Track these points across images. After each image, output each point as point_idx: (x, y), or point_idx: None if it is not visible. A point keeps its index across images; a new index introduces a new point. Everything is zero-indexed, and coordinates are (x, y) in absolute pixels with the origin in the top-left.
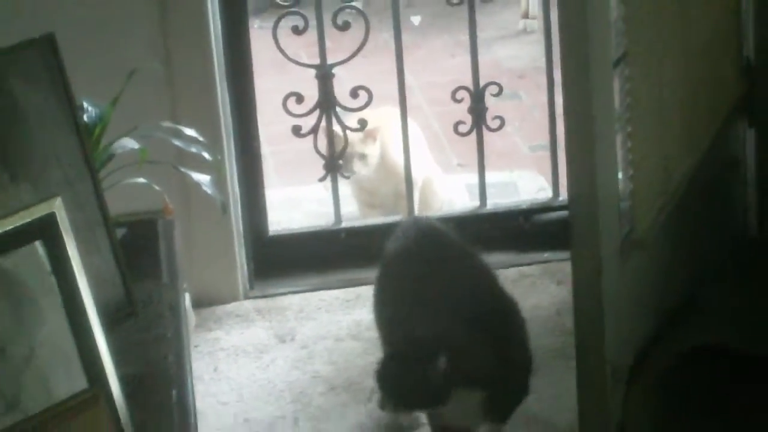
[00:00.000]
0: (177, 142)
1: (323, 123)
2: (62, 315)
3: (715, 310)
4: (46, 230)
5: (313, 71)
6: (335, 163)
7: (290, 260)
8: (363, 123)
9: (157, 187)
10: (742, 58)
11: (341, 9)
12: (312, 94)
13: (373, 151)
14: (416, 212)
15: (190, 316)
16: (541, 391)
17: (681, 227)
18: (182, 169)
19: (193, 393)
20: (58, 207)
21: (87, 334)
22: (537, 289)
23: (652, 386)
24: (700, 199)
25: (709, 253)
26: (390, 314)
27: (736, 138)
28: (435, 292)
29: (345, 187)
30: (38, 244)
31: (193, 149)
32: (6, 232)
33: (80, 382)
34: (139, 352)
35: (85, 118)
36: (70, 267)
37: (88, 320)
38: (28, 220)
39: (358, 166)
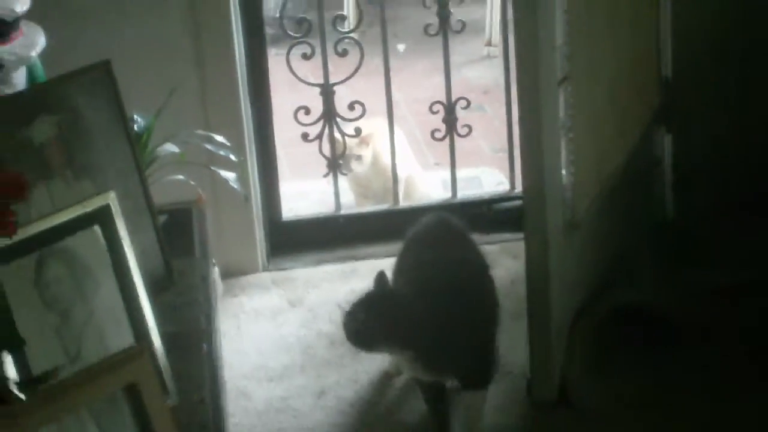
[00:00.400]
0: (209, 146)
1: (326, 131)
2: (114, 284)
3: (636, 279)
4: (102, 217)
5: (318, 89)
6: (336, 162)
7: (299, 241)
8: (358, 131)
9: (192, 182)
10: (661, 75)
11: (341, 39)
12: (317, 107)
13: (366, 153)
14: (401, 203)
15: (218, 284)
16: (500, 343)
17: (611, 213)
18: (213, 168)
19: (220, 347)
20: (112, 199)
21: (134, 300)
22: (496, 263)
23: (586, 339)
24: (626, 190)
25: (634, 233)
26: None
27: (656, 142)
28: (426, 269)
29: (344, 181)
30: (96, 228)
31: (222, 152)
32: (71, 218)
33: (128, 339)
34: (176, 313)
35: (134, 127)
36: (122, 246)
37: (135, 288)
38: (89, 209)
39: (354, 165)
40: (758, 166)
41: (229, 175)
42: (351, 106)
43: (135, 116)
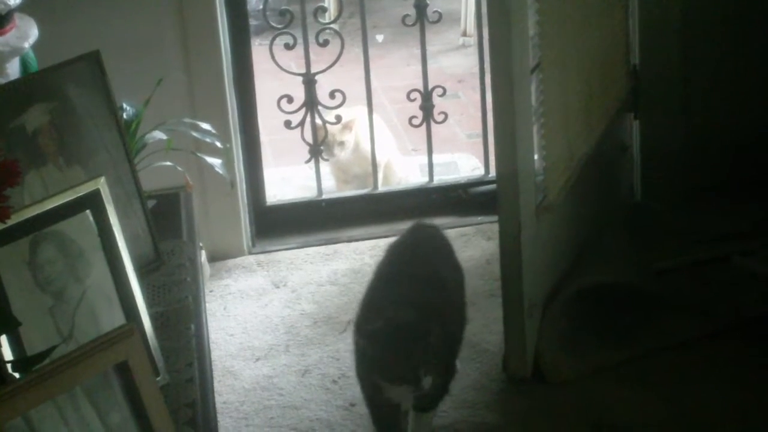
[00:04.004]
0: (195, 134)
1: (308, 118)
2: (105, 266)
3: (605, 257)
4: (93, 202)
5: (300, 78)
6: (317, 149)
7: (283, 224)
8: (338, 118)
9: (179, 168)
10: (629, 65)
11: (322, 30)
12: (299, 95)
13: (349, 138)
14: (380, 187)
15: (206, 267)
16: (475, 322)
17: (581, 195)
18: (199, 155)
19: (207, 326)
20: (102, 184)
21: (124, 281)
22: (472, 244)
23: (558, 315)
24: (596, 174)
25: (603, 214)
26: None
27: (624, 127)
28: (401, 279)
29: (325, 167)
30: (88, 212)
31: (208, 139)
32: (63, 203)
33: (120, 319)
34: (164, 294)
35: (124, 115)
36: (112, 229)
37: (125, 270)
38: (80, 194)
39: (337, 150)
40: (722, 151)
41: (215, 162)
42: (332, 95)
43: (124, 105)
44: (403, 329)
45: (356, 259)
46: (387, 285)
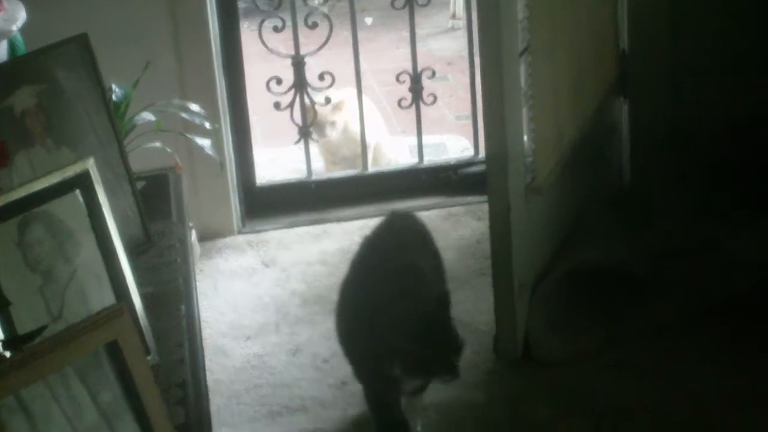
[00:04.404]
0: (184, 115)
1: (297, 100)
2: (95, 246)
3: (594, 238)
4: (82, 182)
5: (289, 60)
6: (307, 130)
7: (273, 205)
8: (328, 100)
9: (168, 150)
10: (618, 48)
11: (311, 12)
12: (288, 77)
13: (340, 118)
14: (369, 168)
15: (196, 247)
16: (465, 301)
17: (571, 177)
18: (189, 136)
19: (198, 307)
20: (91, 165)
21: (114, 261)
22: (462, 224)
23: (548, 296)
24: (585, 156)
25: (592, 196)
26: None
27: (613, 110)
28: (395, 273)
29: (314, 148)
30: (77, 193)
31: (197, 120)
32: (52, 184)
33: (110, 299)
34: (155, 274)
35: (113, 97)
36: (101, 210)
37: (115, 250)
38: (70, 174)
39: (329, 130)
40: (710, 133)
41: (205, 143)
42: (321, 77)
43: (113, 86)
44: (437, 323)
45: (346, 238)
46: (383, 280)
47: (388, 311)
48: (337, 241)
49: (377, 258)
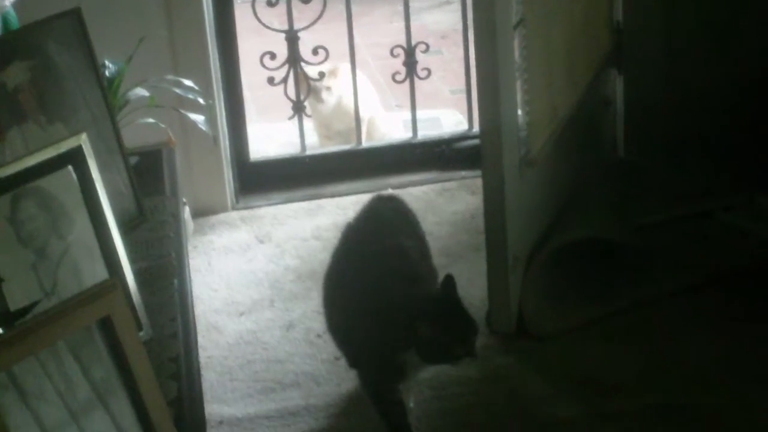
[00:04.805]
0: (178, 90)
1: (291, 74)
2: (88, 222)
3: (588, 211)
4: (75, 158)
5: (283, 35)
6: (301, 105)
7: (266, 180)
8: (322, 75)
9: (162, 125)
10: (613, 21)
11: None
12: (282, 52)
13: (336, 84)
14: (363, 143)
15: (190, 224)
16: (459, 276)
17: (565, 150)
18: (182, 111)
19: (190, 281)
20: (84, 140)
21: (107, 236)
22: (456, 198)
23: (542, 270)
24: (580, 129)
25: (586, 169)
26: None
27: (608, 83)
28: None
29: (308, 123)
30: (69, 168)
31: (191, 95)
32: (45, 159)
33: (102, 274)
34: (147, 249)
35: (106, 73)
36: (94, 185)
37: (107, 225)
38: (63, 150)
39: (325, 94)
40: (704, 106)
41: (198, 118)
42: (315, 51)
43: (106, 62)
44: (451, 306)
45: (340, 214)
46: (378, 265)
47: (394, 298)
48: (331, 216)
49: (367, 243)
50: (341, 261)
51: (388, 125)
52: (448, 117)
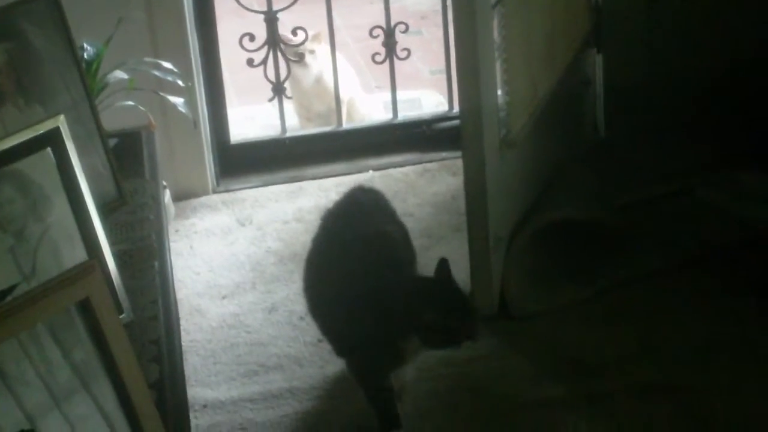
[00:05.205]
0: (157, 73)
1: (270, 56)
2: (67, 204)
3: (570, 192)
4: (53, 139)
5: (262, 16)
6: (281, 87)
7: (247, 163)
8: (301, 55)
9: (142, 108)
10: (592, 1)
11: None
12: (261, 33)
13: (319, 48)
14: (344, 124)
15: (170, 207)
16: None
17: (545, 130)
18: (162, 94)
19: (171, 263)
20: (61, 122)
21: (86, 217)
22: (437, 179)
23: (523, 250)
24: (559, 109)
25: (567, 149)
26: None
27: (587, 63)
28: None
29: (288, 105)
30: (47, 150)
31: (170, 78)
32: (23, 142)
33: (82, 257)
34: (127, 232)
35: (84, 55)
36: (72, 167)
37: (87, 208)
38: (40, 132)
39: (309, 58)
40: (685, 85)
41: (178, 100)
42: (294, 32)
43: (84, 44)
44: (451, 290)
45: (321, 195)
46: (365, 250)
47: (390, 285)
48: (312, 198)
49: (351, 229)
50: (325, 246)
51: (368, 106)
52: (428, 98)
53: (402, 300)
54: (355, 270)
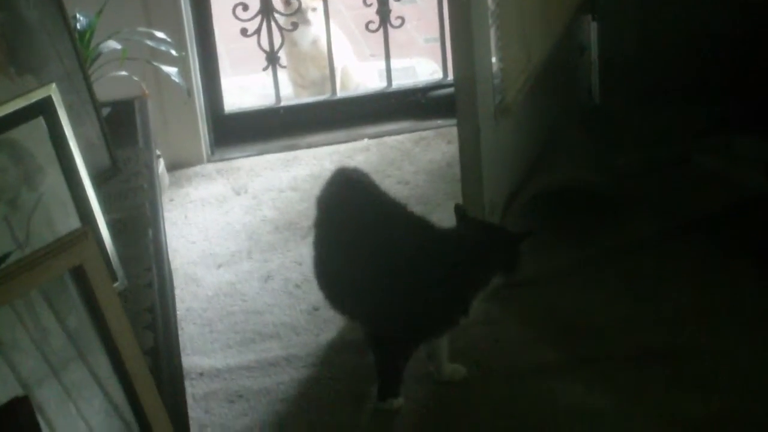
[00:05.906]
0: (150, 43)
1: (264, 25)
2: (60, 173)
3: (565, 158)
4: (45, 108)
5: None
6: (275, 56)
7: (242, 132)
8: (295, 25)
9: (135, 78)
10: None
11: None
12: (255, 3)
13: (320, 6)
14: (338, 93)
15: (165, 176)
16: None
17: (540, 97)
18: (155, 63)
19: (165, 231)
20: (54, 90)
21: (79, 187)
22: (432, 147)
23: (519, 216)
24: (554, 76)
25: (562, 116)
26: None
27: (582, 29)
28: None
29: (283, 74)
30: (40, 119)
31: (163, 47)
32: (15, 110)
33: (75, 225)
34: (121, 201)
35: (77, 25)
36: (65, 135)
37: (80, 176)
38: (33, 100)
39: (310, 15)
40: (679, 51)
41: (171, 70)
42: (287, 1)
43: (77, 14)
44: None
45: (316, 164)
46: (399, 226)
47: (448, 244)
48: (307, 167)
49: (370, 212)
50: (344, 232)
51: (362, 75)
52: (422, 66)
53: (466, 251)
54: (398, 243)
